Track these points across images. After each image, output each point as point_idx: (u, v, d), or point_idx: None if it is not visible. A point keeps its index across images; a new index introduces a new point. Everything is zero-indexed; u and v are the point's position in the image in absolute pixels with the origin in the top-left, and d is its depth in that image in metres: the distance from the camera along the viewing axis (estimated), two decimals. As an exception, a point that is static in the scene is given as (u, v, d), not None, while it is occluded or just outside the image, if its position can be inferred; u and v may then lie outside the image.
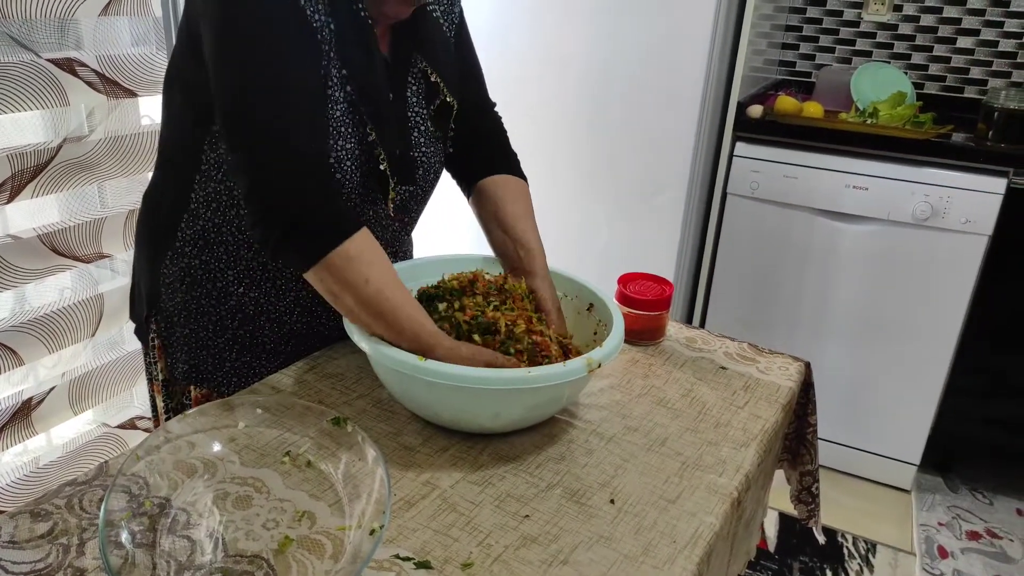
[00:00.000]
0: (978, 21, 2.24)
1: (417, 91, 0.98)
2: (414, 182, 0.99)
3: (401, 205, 0.99)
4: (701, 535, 0.73)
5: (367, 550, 0.63)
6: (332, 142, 0.87)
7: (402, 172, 0.96)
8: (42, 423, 1.48)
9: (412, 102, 0.98)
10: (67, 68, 1.33)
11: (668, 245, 2.07)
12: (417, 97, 0.98)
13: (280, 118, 0.80)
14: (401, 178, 0.96)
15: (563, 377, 0.79)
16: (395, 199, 0.96)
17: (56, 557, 0.66)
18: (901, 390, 2.07)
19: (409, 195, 0.99)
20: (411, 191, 0.99)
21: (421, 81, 0.98)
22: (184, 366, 1.02)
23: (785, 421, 1.00)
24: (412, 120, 0.98)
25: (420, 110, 0.98)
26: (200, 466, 0.75)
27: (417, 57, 0.97)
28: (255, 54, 0.80)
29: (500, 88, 1.24)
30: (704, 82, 1.90)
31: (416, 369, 0.77)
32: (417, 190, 1.00)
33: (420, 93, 0.98)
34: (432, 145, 1.00)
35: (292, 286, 0.99)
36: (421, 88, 0.98)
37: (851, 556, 1.92)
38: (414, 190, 0.99)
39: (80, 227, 1.44)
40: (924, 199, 1.88)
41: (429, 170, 1.01)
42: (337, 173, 0.89)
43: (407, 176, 0.97)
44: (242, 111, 0.80)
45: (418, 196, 1.01)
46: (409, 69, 0.97)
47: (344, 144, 0.88)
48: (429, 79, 0.98)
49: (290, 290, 0.99)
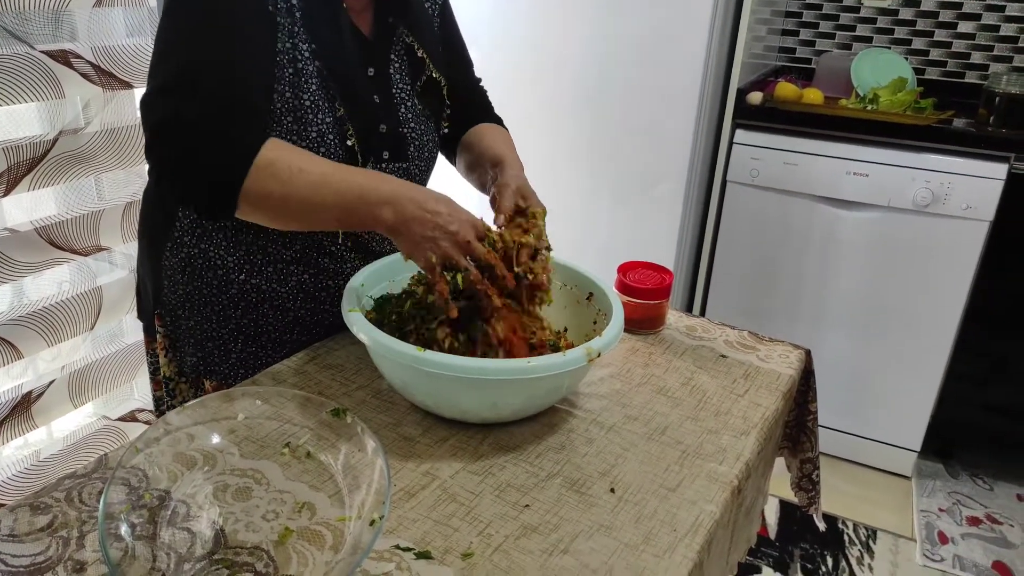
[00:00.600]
0: (979, 5, 2.22)
1: (400, 67, 0.98)
2: (407, 159, 0.99)
3: None
4: (701, 523, 0.73)
5: (367, 541, 0.63)
6: (312, 116, 0.88)
7: (393, 148, 0.97)
8: (42, 416, 1.48)
9: (396, 79, 0.98)
10: (62, 60, 1.32)
11: (668, 233, 2.06)
12: (401, 74, 0.99)
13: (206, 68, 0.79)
14: (393, 154, 0.97)
15: (563, 367, 0.79)
16: None
17: (56, 550, 0.66)
18: (901, 377, 2.07)
19: (404, 172, 1.00)
20: (405, 168, 1.00)
21: (404, 57, 0.99)
22: (193, 359, 1.02)
23: (785, 409, 1.00)
24: (397, 96, 0.98)
25: (405, 86, 0.99)
26: (200, 458, 0.75)
27: (401, 32, 0.97)
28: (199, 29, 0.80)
29: (498, 78, 1.24)
30: (703, 68, 1.89)
31: (415, 360, 0.77)
32: (412, 167, 1.01)
33: (404, 70, 0.99)
34: (420, 122, 1.01)
35: (293, 270, 0.99)
36: (404, 64, 0.99)
37: (852, 542, 1.92)
38: (408, 167, 1.00)
39: (77, 220, 1.44)
40: (925, 185, 1.87)
41: (422, 148, 1.01)
42: (321, 147, 0.89)
43: (399, 152, 0.98)
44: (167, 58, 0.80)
45: (414, 174, 1.02)
46: (392, 45, 0.97)
47: (323, 119, 0.89)
48: (415, 54, 0.98)
49: (291, 275, 0.99)
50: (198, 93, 0.78)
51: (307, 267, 1.00)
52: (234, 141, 0.79)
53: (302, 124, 0.88)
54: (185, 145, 0.78)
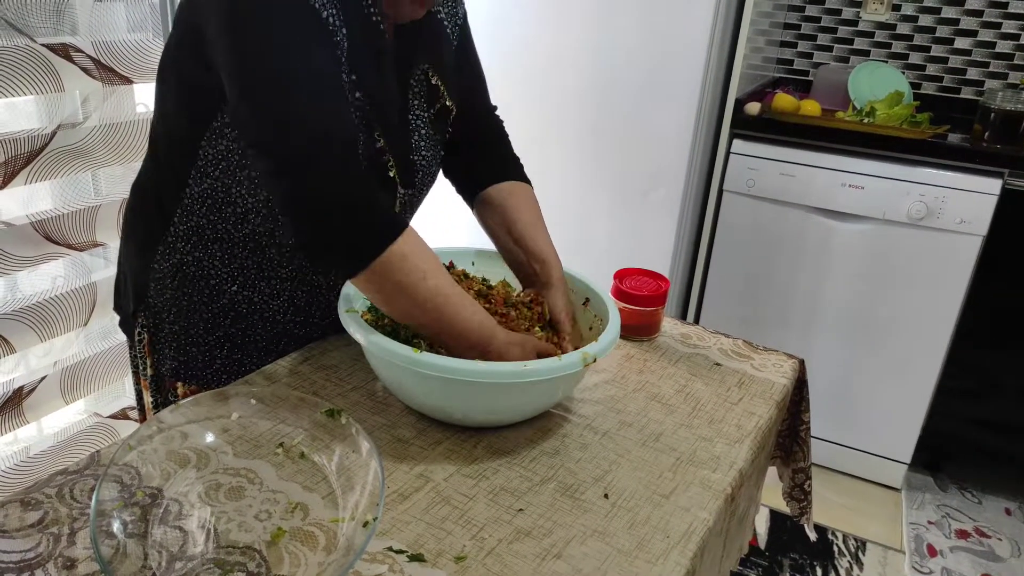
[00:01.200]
0: (976, 22, 2.24)
1: (419, 93, 0.96)
2: (413, 185, 0.96)
3: (399, 208, 0.97)
4: (695, 530, 0.73)
5: (360, 542, 0.63)
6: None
7: (402, 176, 0.94)
8: (33, 412, 1.47)
9: (413, 105, 0.95)
10: (62, 53, 1.32)
11: (664, 241, 2.07)
12: (419, 100, 0.96)
13: (311, 105, 0.74)
14: (402, 182, 0.94)
15: (558, 371, 0.79)
16: (399, 204, 0.94)
17: (47, 547, 0.65)
18: (892, 389, 2.08)
19: (408, 199, 0.97)
20: (410, 195, 0.97)
21: (423, 83, 0.96)
22: (172, 363, 1.00)
23: (779, 418, 1.00)
24: (413, 124, 0.95)
25: (421, 113, 0.96)
26: (193, 456, 0.74)
27: (420, 60, 0.94)
28: (273, 39, 0.74)
29: (498, 85, 1.24)
30: (702, 79, 1.90)
31: (410, 361, 0.77)
32: (415, 193, 0.98)
33: (421, 95, 0.96)
34: (431, 149, 0.98)
35: (287, 286, 0.98)
36: (423, 91, 0.96)
37: (841, 553, 1.93)
38: (412, 193, 0.97)
39: (74, 215, 1.43)
40: (919, 199, 1.89)
41: (428, 174, 0.99)
42: None
43: (407, 180, 0.95)
44: (263, 99, 0.74)
45: (415, 199, 1.00)
46: (412, 72, 0.94)
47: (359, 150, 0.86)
48: (431, 81, 0.96)
49: (284, 290, 0.98)
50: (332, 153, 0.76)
51: (301, 284, 0.98)
52: (376, 214, 0.78)
53: None
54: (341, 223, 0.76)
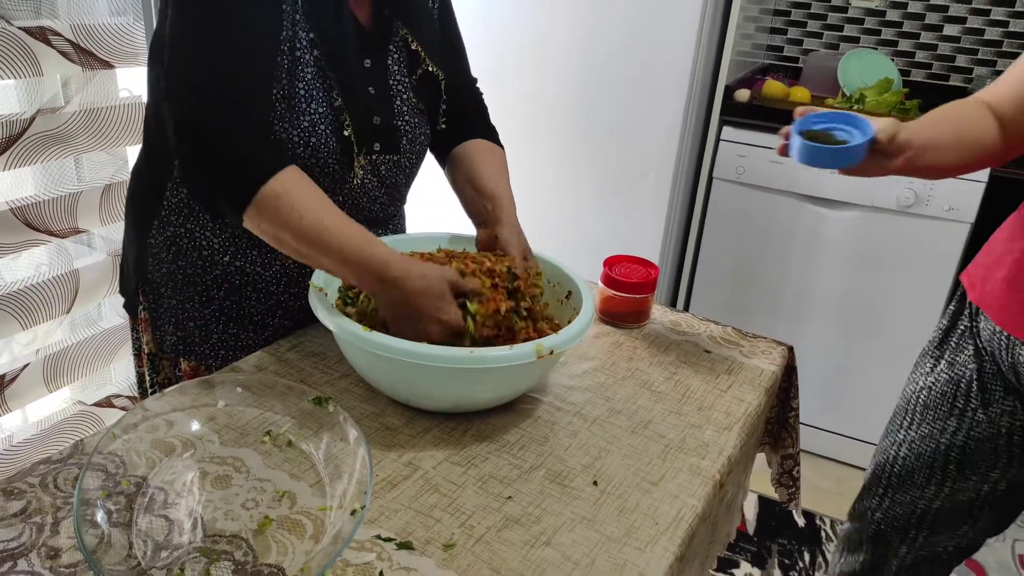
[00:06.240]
0: (964, 9, 2.24)
1: (398, 59, 0.98)
2: (398, 151, 0.99)
3: (387, 174, 0.99)
4: (683, 517, 0.73)
5: (348, 531, 0.62)
6: (305, 105, 0.88)
7: (385, 140, 0.97)
8: (16, 400, 1.45)
9: (393, 70, 0.98)
10: (40, 37, 1.29)
11: (653, 229, 2.07)
12: (399, 66, 0.98)
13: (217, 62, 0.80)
14: (384, 146, 0.97)
15: (507, 360, 0.76)
16: (364, 165, 0.95)
17: (30, 536, 0.64)
18: (880, 375, 2.09)
19: (394, 164, 0.99)
20: (396, 160, 0.99)
21: (402, 49, 0.98)
22: (172, 338, 1.02)
23: (768, 405, 1.01)
24: (394, 88, 0.98)
25: (402, 79, 0.99)
26: (179, 445, 0.74)
27: (398, 25, 0.97)
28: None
29: (486, 71, 1.23)
30: (692, 65, 1.89)
31: (360, 340, 0.76)
32: (403, 160, 1.00)
33: (402, 62, 0.98)
34: (415, 115, 1.00)
35: (278, 255, 0.99)
36: (403, 57, 0.99)
37: (829, 539, 1.95)
38: (399, 159, 1.00)
39: (55, 201, 1.41)
40: (908, 186, 1.89)
41: (415, 141, 1.01)
42: (312, 137, 0.89)
43: (391, 144, 0.98)
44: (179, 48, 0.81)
45: (404, 167, 1.01)
46: (390, 37, 0.97)
47: (316, 108, 0.89)
48: (410, 47, 0.98)
49: (276, 259, 0.99)
50: (215, 97, 0.79)
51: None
52: (247, 161, 0.80)
53: (295, 113, 0.88)
54: (204, 154, 0.81)
